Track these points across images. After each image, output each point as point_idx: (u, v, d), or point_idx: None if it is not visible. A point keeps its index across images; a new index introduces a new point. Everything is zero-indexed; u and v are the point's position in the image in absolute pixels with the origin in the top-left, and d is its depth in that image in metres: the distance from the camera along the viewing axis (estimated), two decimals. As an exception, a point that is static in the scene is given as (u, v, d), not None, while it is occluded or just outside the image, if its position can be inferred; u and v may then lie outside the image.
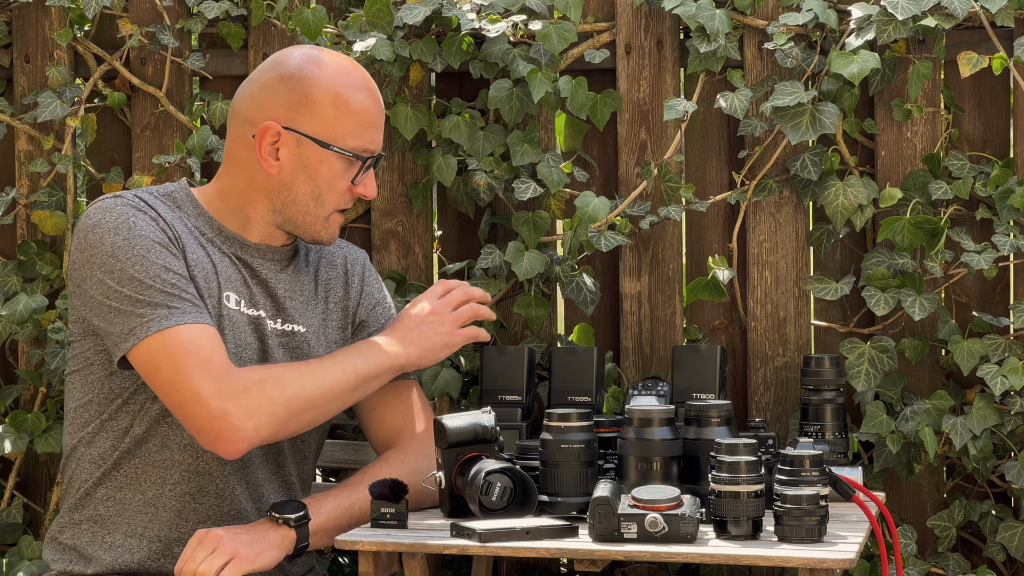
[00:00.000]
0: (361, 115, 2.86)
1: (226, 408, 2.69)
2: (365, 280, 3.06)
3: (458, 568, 3.52)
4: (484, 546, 2.61)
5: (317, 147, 2.84)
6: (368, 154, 2.88)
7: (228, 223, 2.90)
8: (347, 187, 2.88)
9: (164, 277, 2.74)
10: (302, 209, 2.87)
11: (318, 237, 2.90)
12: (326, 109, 2.84)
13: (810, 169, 3.32)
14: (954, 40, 3.32)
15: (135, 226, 2.77)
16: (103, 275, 2.75)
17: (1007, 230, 3.23)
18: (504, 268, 3.42)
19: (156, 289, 2.73)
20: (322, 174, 2.86)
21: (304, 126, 2.84)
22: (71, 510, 2.89)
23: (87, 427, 2.86)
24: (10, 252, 3.71)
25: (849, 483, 2.75)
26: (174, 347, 2.70)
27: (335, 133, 2.84)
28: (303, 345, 2.93)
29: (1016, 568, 3.36)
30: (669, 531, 2.57)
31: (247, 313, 2.87)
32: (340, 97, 2.84)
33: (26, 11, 3.67)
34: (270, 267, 2.92)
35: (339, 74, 2.86)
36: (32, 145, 3.67)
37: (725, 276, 3.37)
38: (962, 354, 3.23)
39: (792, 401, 3.39)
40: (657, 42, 3.44)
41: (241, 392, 2.71)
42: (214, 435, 2.70)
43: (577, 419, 2.78)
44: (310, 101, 2.84)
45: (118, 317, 2.73)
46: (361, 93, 2.86)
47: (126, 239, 2.75)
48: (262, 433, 2.72)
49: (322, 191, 2.86)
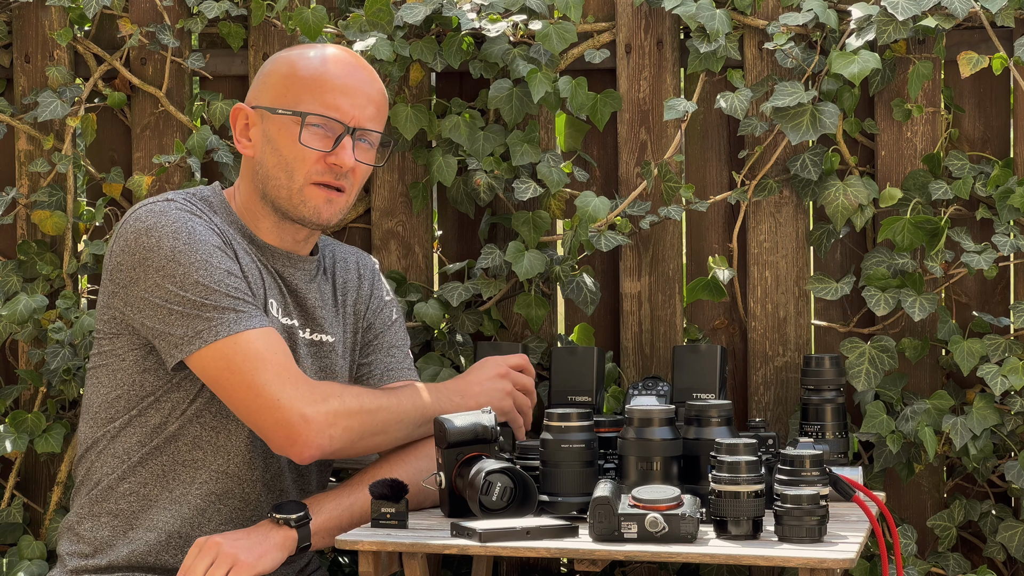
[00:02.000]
0: (317, 80, 2.85)
1: (306, 414, 2.72)
2: (375, 285, 3.08)
3: (458, 568, 3.52)
4: (484, 546, 2.61)
5: (271, 115, 2.86)
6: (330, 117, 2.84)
7: (253, 227, 2.91)
8: (317, 155, 2.84)
9: (228, 282, 2.76)
10: (276, 183, 2.86)
11: (300, 213, 2.87)
12: (278, 77, 2.87)
13: (810, 169, 3.32)
14: (954, 40, 3.32)
15: (195, 230, 2.78)
16: (161, 279, 2.75)
17: (1007, 230, 3.23)
18: (504, 268, 3.42)
19: (222, 293, 2.74)
20: (282, 141, 2.85)
21: (263, 99, 2.88)
22: (92, 503, 2.89)
23: (113, 422, 2.86)
24: (10, 252, 3.71)
25: (849, 483, 2.75)
26: (249, 352, 2.73)
27: (286, 98, 2.85)
28: (331, 355, 2.95)
29: (1016, 568, 3.36)
30: (669, 531, 2.57)
31: (282, 322, 2.89)
32: (294, 65, 2.87)
33: (26, 11, 3.67)
34: (300, 276, 2.94)
35: (304, 51, 2.90)
36: (32, 145, 3.67)
37: (725, 276, 3.37)
38: (962, 354, 3.23)
39: (792, 401, 3.39)
40: (657, 42, 3.44)
41: (321, 401, 2.74)
42: (292, 439, 2.73)
43: (577, 419, 2.78)
44: (268, 75, 2.89)
45: (181, 320, 2.74)
46: (322, 62, 2.86)
47: (187, 243, 2.76)
48: (335, 444, 2.76)
49: (287, 160, 2.84)
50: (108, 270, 2.84)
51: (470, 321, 3.47)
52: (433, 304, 3.44)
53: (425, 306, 3.44)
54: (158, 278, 2.76)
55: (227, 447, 2.85)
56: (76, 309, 3.55)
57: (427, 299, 3.47)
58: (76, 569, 2.87)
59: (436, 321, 3.44)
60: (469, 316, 3.47)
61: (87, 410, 2.91)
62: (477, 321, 3.47)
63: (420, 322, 3.45)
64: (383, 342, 3.04)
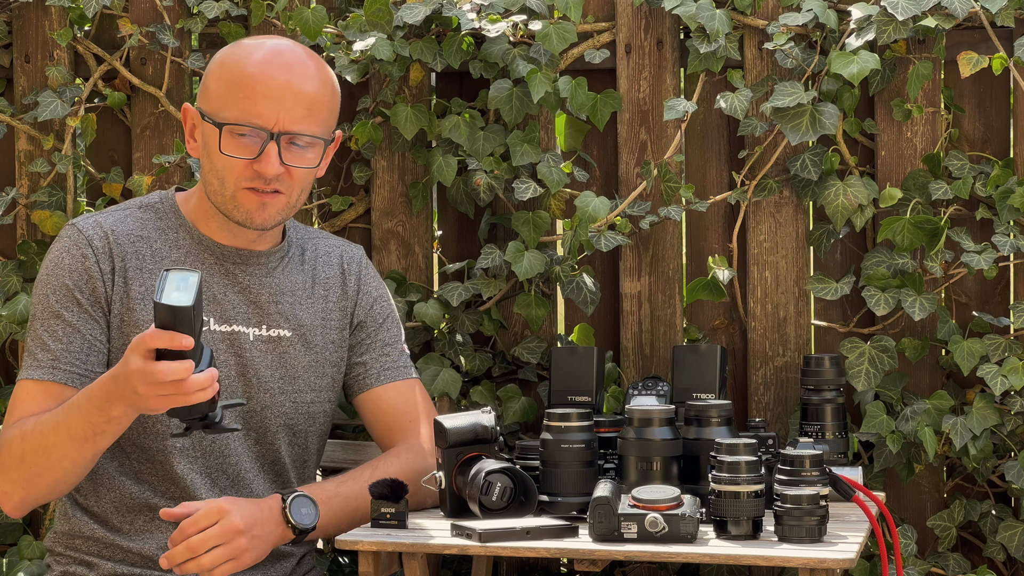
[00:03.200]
0: (239, 84, 2.76)
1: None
2: (362, 279, 3.02)
3: (458, 568, 3.52)
4: (484, 546, 2.61)
5: (203, 121, 2.81)
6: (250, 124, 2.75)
7: (204, 228, 2.88)
8: (244, 163, 2.76)
9: (50, 323, 2.79)
10: (211, 188, 2.82)
11: (235, 217, 2.81)
12: (210, 82, 2.82)
13: (810, 169, 3.32)
14: (954, 40, 3.32)
15: (60, 263, 2.82)
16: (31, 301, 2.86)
17: (1007, 230, 3.23)
18: (504, 268, 3.42)
19: (36, 335, 2.80)
20: (211, 148, 2.80)
21: (200, 100, 2.84)
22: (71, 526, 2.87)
23: None
24: (10, 252, 3.71)
25: (849, 483, 2.75)
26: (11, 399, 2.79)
27: (213, 105, 2.79)
28: (289, 350, 2.90)
29: (1016, 568, 3.36)
30: (669, 531, 2.57)
31: (219, 330, 2.85)
32: (224, 69, 2.80)
33: (26, 11, 3.67)
34: (254, 272, 2.89)
35: (238, 49, 2.82)
36: (32, 145, 3.67)
37: (725, 276, 3.37)
38: (962, 354, 3.23)
39: (792, 401, 3.39)
40: (657, 42, 3.44)
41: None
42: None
43: (577, 419, 2.78)
44: (207, 75, 2.84)
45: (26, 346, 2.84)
46: (253, 66, 2.76)
47: (48, 274, 2.83)
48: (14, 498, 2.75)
49: (216, 166, 2.79)
50: None
51: (470, 321, 3.47)
52: (433, 304, 3.44)
53: (425, 306, 3.44)
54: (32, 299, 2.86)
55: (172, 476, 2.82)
56: (76, 309, 3.55)
57: (427, 299, 3.47)
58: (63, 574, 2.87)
59: (436, 321, 3.44)
60: (469, 316, 3.47)
61: None
62: (477, 321, 3.47)
63: (420, 322, 3.45)
64: (377, 340, 3.00)
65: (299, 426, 2.92)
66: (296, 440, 2.93)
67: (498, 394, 3.46)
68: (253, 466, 2.88)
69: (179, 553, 2.61)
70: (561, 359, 3.25)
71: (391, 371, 2.99)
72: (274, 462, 2.91)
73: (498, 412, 3.41)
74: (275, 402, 2.88)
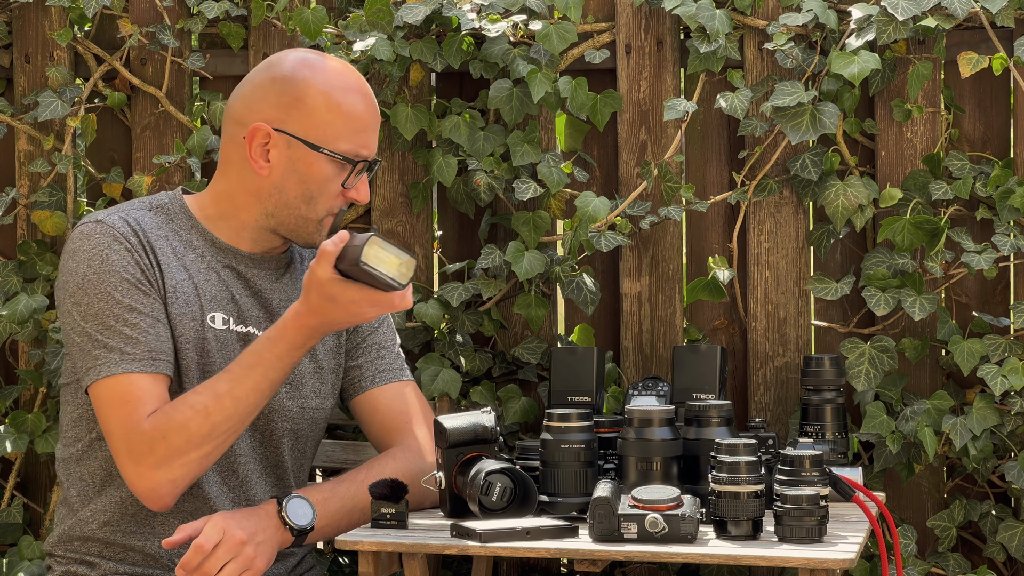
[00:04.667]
0: (353, 119, 2.82)
1: (138, 471, 2.71)
2: None
3: (458, 568, 3.52)
4: (484, 546, 2.61)
5: (307, 149, 2.80)
6: (359, 158, 2.83)
7: (221, 232, 2.88)
8: (339, 191, 2.84)
9: (127, 317, 2.74)
10: (294, 212, 2.84)
11: (311, 241, 2.87)
12: (317, 111, 2.80)
13: (810, 169, 3.32)
14: (954, 40, 3.32)
15: (107, 259, 2.77)
16: (72, 306, 2.77)
17: (1007, 230, 3.23)
18: (504, 268, 3.42)
19: (115, 331, 2.73)
20: (312, 177, 2.82)
21: (295, 128, 2.80)
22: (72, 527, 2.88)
23: (77, 443, 2.86)
24: (10, 252, 3.71)
25: (849, 483, 2.75)
26: (110, 398, 2.73)
27: (326, 135, 2.80)
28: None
29: (1016, 568, 3.36)
30: (669, 531, 2.57)
31: (235, 331, 2.85)
32: (332, 100, 2.81)
33: (26, 11, 3.67)
34: (265, 276, 2.91)
35: (333, 76, 2.83)
36: (32, 145, 3.67)
37: (725, 276, 3.37)
38: (962, 354, 3.23)
39: (792, 401, 3.39)
40: (657, 42, 3.44)
41: (147, 453, 2.70)
42: (139, 495, 2.74)
43: (577, 419, 2.78)
44: (301, 103, 2.80)
45: (79, 352, 2.77)
46: (354, 96, 2.83)
47: (97, 272, 2.76)
48: (181, 485, 2.73)
49: (313, 194, 2.82)
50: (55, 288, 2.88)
51: (470, 321, 3.47)
52: (433, 304, 3.44)
53: (425, 306, 3.44)
54: (70, 304, 2.78)
55: None
56: (76, 309, 3.55)
57: (427, 299, 3.47)
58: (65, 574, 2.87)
59: (436, 321, 3.44)
60: (469, 316, 3.47)
61: (60, 427, 2.91)
62: (477, 321, 3.47)
63: (420, 322, 3.45)
64: (371, 343, 3.00)
65: (303, 431, 2.94)
66: (298, 444, 2.94)
67: (498, 394, 3.46)
68: (256, 468, 2.89)
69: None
70: (561, 359, 3.25)
71: (386, 373, 3.00)
72: (276, 465, 2.92)
73: (498, 412, 3.41)
74: (283, 407, 2.89)
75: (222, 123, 2.91)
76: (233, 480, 2.87)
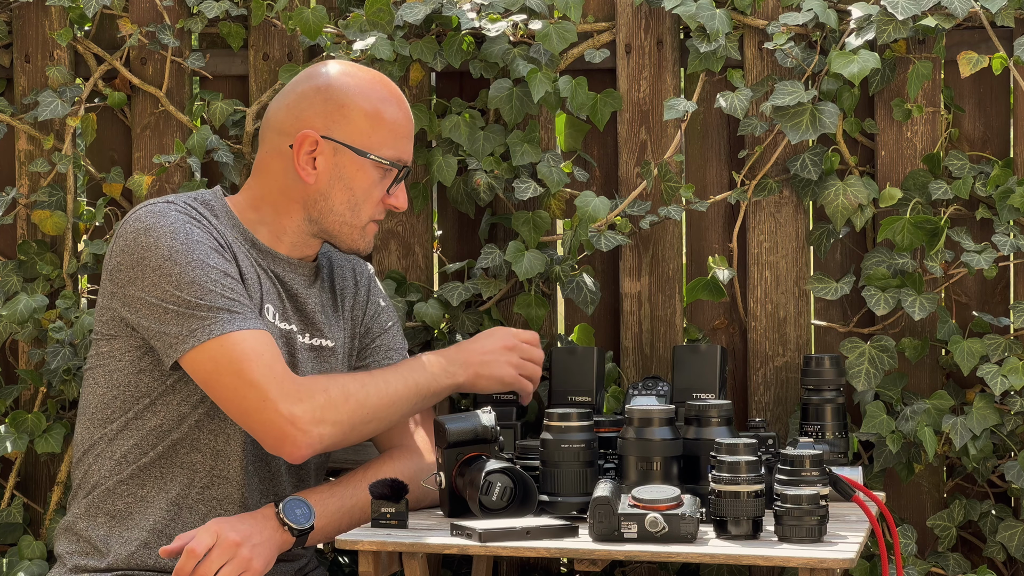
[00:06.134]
0: (395, 125, 2.91)
1: (294, 413, 2.73)
2: (371, 290, 3.10)
3: (458, 568, 3.52)
4: (484, 546, 2.61)
5: (354, 155, 2.88)
6: (401, 163, 2.93)
7: (260, 234, 2.93)
8: (381, 197, 2.93)
9: (223, 282, 2.77)
10: (339, 219, 2.91)
11: (355, 247, 2.95)
12: (362, 119, 2.89)
13: (810, 169, 3.32)
14: (954, 40, 3.32)
15: (191, 232, 2.80)
16: (158, 278, 2.76)
17: (1007, 230, 3.23)
18: (504, 268, 3.42)
19: (217, 294, 2.75)
20: (358, 183, 2.90)
21: (341, 135, 2.88)
22: (89, 504, 2.89)
23: (110, 424, 2.87)
24: (10, 252, 3.71)
25: (849, 483, 2.75)
26: (238, 352, 2.73)
27: (371, 142, 2.89)
28: (331, 359, 2.97)
29: (1016, 568, 3.36)
30: (669, 531, 2.57)
31: (280, 327, 2.90)
32: (375, 107, 2.90)
33: (26, 11, 3.67)
34: (300, 281, 2.96)
35: (373, 86, 2.92)
36: (32, 145, 3.67)
37: (725, 276, 3.37)
38: (962, 354, 3.23)
39: (792, 401, 3.39)
40: (657, 42, 3.44)
41: (308, 398, 2.74)
42: (281, 439, 2.73)
43: (577, 419, 2.78)
44: (347, 111, 2.89)
45: (176, 319, 2.75)
46: (394, 105, 2.93)
47: (184, 243, 2.78)
48: (326, 440, 2.76)
49: (358, 200, 2.91)
50: (107, 270, 2.85)
51: (470, 321, 3.47)
52: (433, 304, 3.44)
53: (425, 306, 3.44)
54: (155, 277, 2.77)
55: (225, 451, 2.86)
56: (76, 309, 3.55)
57: (427, 299, 3.47)
58: (76, 568, 2.87)
59: (436, 321, 3.44)
60: (469, 316, 3.47)
61: (84, 412, 2.91)
62: (477, 321, 3.47)
63: (420, 322, 3.45)
64: (380, 344, 3.06)
65: None
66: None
67: (498, 394, 3.46)
68: (281, 464, 2.93)
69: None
70: (561, 359, 3.25)
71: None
72: (301, 467, 2.96)
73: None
74: None
75: (260, 133, 2.97)
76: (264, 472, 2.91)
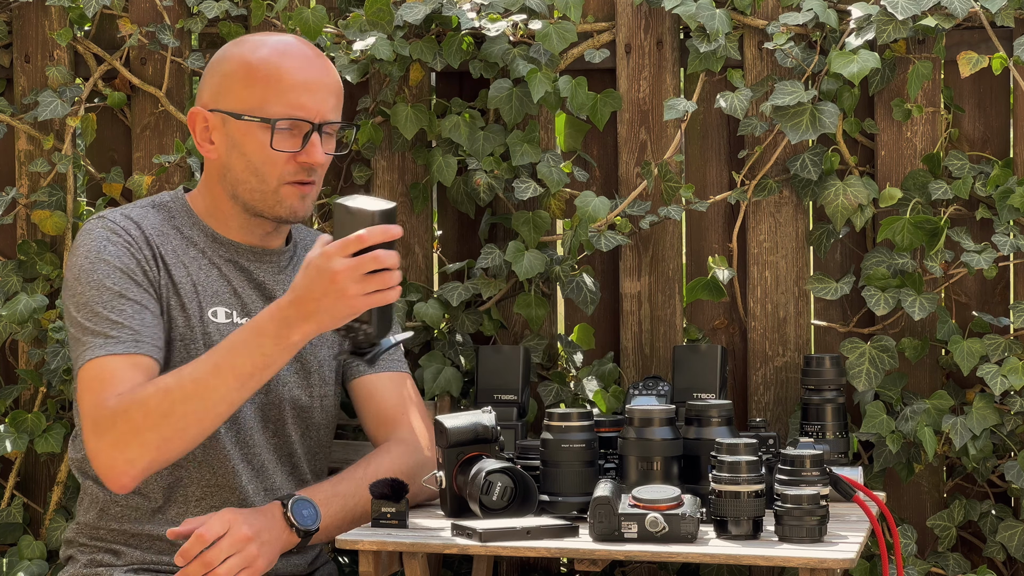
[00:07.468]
0: (277, 81, 2.81)
1: (98, 447, 2.69)
2: None
3: (458, 568, 3.52)
4: (484, 546, 2.61)
5: (237, 121, 2.83)
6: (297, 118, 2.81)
7: (217, 226, 2.91)
8: (287, 157, 2.83)
9: (113, 304, 2.76)
10: (247, 187, 2.86)
11: (276, 213, 2.87)
12: (237, 81, 2.84)
13: (810, 169, 3.32)
14: (954, 40, 3.32)
15: (103, 250, 2.80)
16: (68, 298, 2.81)
17: (1007, 230, 3.23)
18: (504, 268, 3.42)
19: (102, 317, 2.75)
20: (249, 147, 2.83)
21: (223, 103, 2.84)
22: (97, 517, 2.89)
23: None
24: (10, 252, 3.71)
25: (849, 483, 2.75)
26: (85, 381, 2.72)
27: (251, 104, 2.82)
28: (308, 346, 2.93)
29: (1016, 568, 3.36)
30: (669, 531, 2.57)
31: (240, 323, 2.87)
32: (250, 66, 2.82)
33: (26, 11, 3.67)
34: (267, 270, 2.93)
35: (256, 47, 2.85)
36: (32, 145, 3.67)
37: (725, 276, 3.37)
38: (962, 354, 3.23)
39: (792, 401, 3.39)
40: (657, 42, 3.44)
41: (108, 428, 2.68)
42: (99, 473, 2.72)
43: (578, 419, 2.78)
44: (224, 77, 2.85)
45: (74, 341, 2.78)
46: (279, 59, 2.82)
47: (91, 264, 2.79)
48: (139, 464, 2.68)
49: (256, 164, 2.84)
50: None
51: (470, 321, 3.47)
52: (433, 304, 3.44)
53: (425, 306, 3.44)
54: (67, 297, 2.81)
55: (209, 460, 2.85)
56: (76, 309, 3.55)
57: (427, 299, 3.47)
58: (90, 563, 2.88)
59: (436, 321, 3.44)
60: (469, 316, 3.47)
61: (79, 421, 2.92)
62: (477, 321, 3.47)
63: (420, 322, 3.45)
64: None
65: (313, 419, 2.97)
66: (309, 432, 2.97)
67: (498, 394, 3.46)
68: (271, 457, 2.92)
69: (194, 569, 2.63)
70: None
71: (386, 362, 3.02)
72: (290, 455, 2.95)
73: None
74: (292, 395, 2.93)
75: None
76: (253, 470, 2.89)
